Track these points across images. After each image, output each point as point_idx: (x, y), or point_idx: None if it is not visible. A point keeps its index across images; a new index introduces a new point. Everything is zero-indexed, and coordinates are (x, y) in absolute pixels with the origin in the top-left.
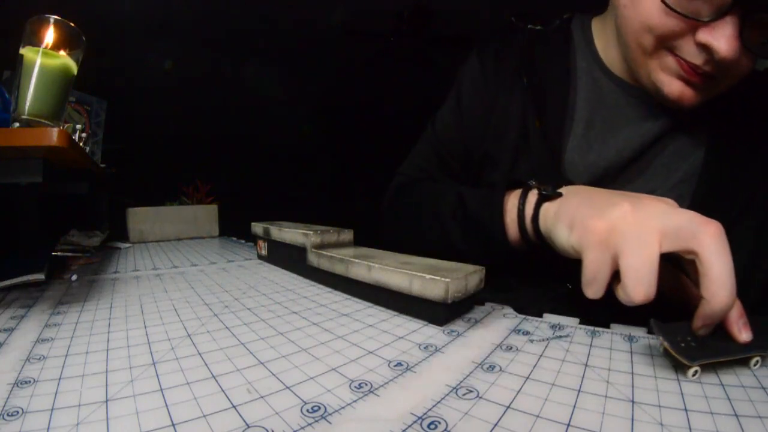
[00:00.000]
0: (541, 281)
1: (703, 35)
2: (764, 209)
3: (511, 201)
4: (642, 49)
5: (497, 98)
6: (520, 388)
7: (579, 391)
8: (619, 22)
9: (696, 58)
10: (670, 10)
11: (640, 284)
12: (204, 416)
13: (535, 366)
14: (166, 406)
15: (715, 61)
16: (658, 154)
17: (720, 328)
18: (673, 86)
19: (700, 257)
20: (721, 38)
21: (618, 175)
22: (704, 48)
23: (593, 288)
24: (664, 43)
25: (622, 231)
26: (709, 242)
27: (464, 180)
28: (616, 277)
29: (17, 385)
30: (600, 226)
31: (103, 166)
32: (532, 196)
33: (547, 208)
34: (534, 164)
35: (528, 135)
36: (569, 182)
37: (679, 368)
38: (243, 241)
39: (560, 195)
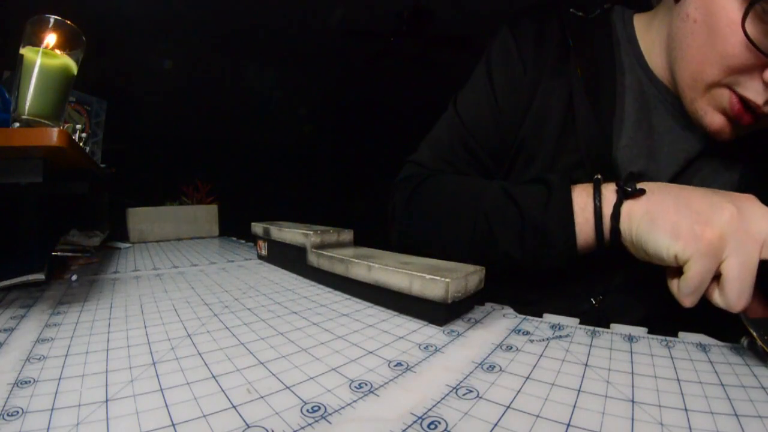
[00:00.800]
0: (564, 294)
1: None
2: None
3: (580, 200)
4: (702, 76)
5: (538, 84)
6: (520, 388)
7: (579, 391)
8: (680, 36)
9: (759, 96)
10: (752, 46)
11: (743, 292)
12: (204, 416)
13: (535, 366)
14: (166, 406)
15: None
16: (697, 171)
17: None
18: (715, 119)
19: None
20: None
21: None
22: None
23: (694, 297)
24: (730, 76)
25: (729, 238)
26: None
27: (493, 176)
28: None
29: (17, 385)
30: (710, 234)
31: (103, 166)
32: (609, 193)
33: (632, 207)
34: (581, 158)
35: (571, 129)
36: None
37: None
38: (243, 241)
39: (644, 192)
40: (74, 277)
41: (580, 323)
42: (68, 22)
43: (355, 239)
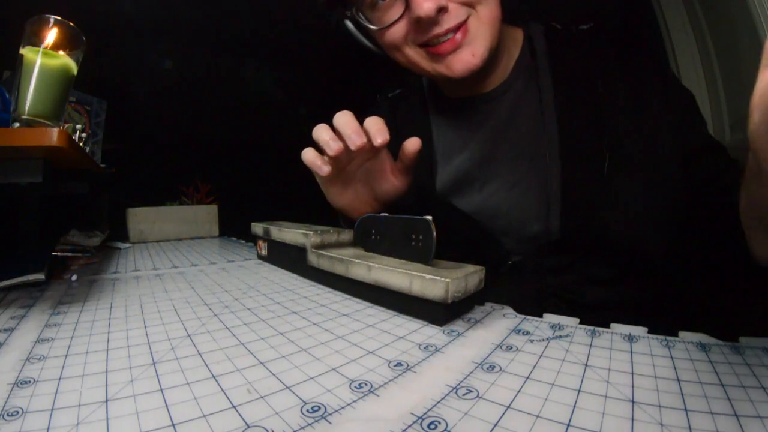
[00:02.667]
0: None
1: (410, 14)
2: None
3: None
4: (410, 60)
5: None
6: (520, 388)
7: (579, 391)
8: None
9: (425, 32)
10: (381, 30)
11: None
12: (204, 416)
13: (535, 366)
14: (166, 406)
15: (442, 18)
16: (503, 142)
17: None
18: (446, 64)
19: None
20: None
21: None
22: (417, 21)
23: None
24: (410, 43)
25: None
26: None
27: None
28: None
29: (17, 385)
30: None
31: (103, 166)
32: None
33: None
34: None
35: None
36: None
37: None
38: (243, 241)
39: None
40: (74, 277)
41: (580, 323)
42: (68, 22)
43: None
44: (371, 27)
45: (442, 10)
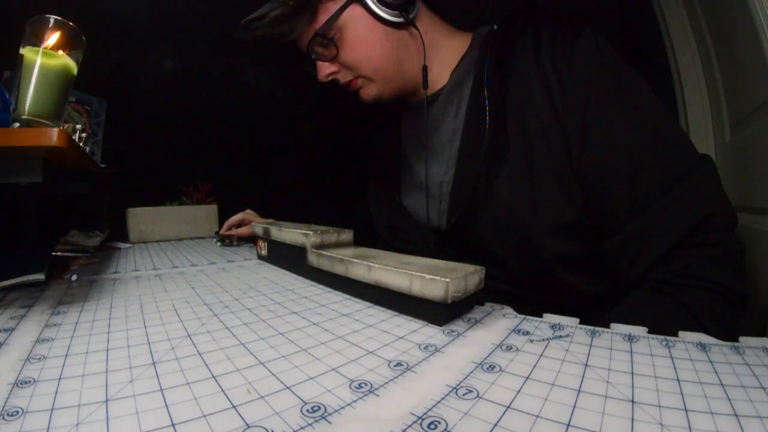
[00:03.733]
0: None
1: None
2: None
3: None
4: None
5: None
6: (520, 388)
7: (579, 391)
8: None
9: (338, 83)
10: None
11: None
12: (204, 416)
13: (535, 366)
14: (166, 406)
15: (337, 77)
16: (423, 149)
17: None
18: (359, 97)
19: None
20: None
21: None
22: (326, 81)
23: None
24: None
25: None
26: None
27: None
28: None
29: (17, 385)
30: None
31: (103, 166)
32: None
33: None
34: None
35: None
36: None
37: None
38: (243, 241)
39: None
40: (74, 277)
41: (580, 323)
42: (68, 22)
43: (355, 239)
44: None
45: (332, 74)
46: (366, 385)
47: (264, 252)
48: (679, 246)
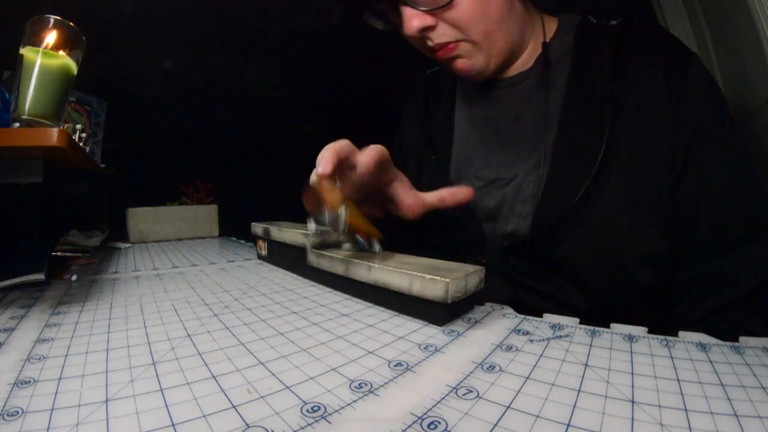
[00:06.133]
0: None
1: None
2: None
3: None
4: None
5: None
6: (520, 388)
7: (579, 391)
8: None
9: (420, 43)
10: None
11: None
12: (204, 416)
13: (535, 366)
14: (166, 406)
15: (430, 35)
16: (504, 133)
17: None
18: (450, 67)
19: None
20: (403, 23)
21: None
22: (413, 38)
23: None
24: (421, 49)
25: None
26: None
27: None
28: None
29: (17, 385)
30: None
31: (103, 166)
32: None
33: None
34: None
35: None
36: None
37: None
38: (243, 241)
39: None
40: (74, 277)
41: (580, 323)
42: (68, 22)
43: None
44: (379, 28)
45: (428, 28)
46: (366, 385)
47: (264, 252)
48: (744, 298)
